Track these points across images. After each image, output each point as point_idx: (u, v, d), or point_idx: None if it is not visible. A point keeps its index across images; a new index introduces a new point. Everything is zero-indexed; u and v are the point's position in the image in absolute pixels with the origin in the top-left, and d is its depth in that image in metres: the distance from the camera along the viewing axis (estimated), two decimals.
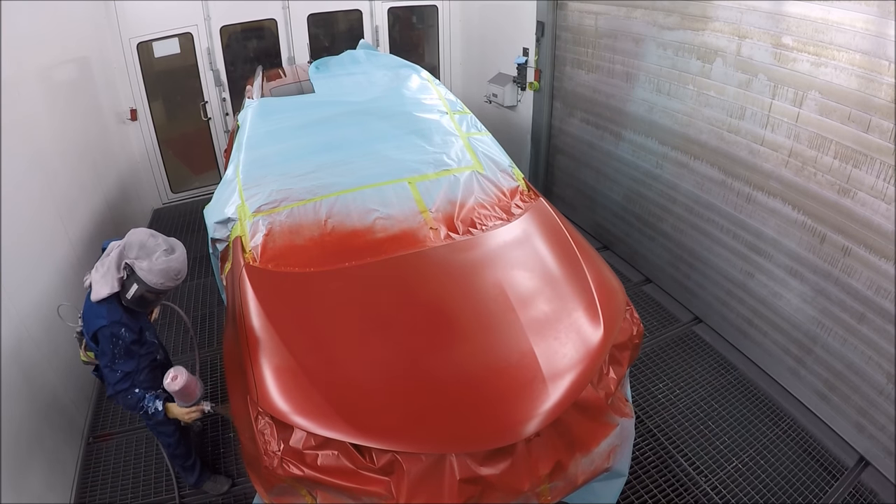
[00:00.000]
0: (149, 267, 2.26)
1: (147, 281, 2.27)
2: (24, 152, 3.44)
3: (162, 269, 2.28)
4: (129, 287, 2.32)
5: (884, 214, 2.92)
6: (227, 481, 3.19)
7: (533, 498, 2.26)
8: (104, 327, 2.33)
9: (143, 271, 2.27)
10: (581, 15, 5.05)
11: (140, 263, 2.27)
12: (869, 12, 2.82)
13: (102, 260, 2.39)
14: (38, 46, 4.05)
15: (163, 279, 2.29)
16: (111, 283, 2.32)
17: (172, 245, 2.37)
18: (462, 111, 3.99)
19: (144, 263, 2.27)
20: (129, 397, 2.43)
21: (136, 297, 2.34)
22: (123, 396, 2.44)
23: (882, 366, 3.07)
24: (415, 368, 2.36)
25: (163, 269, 2.28)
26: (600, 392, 2.41)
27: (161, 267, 2.27)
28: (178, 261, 2.34)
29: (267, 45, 6.61)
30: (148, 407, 2.44)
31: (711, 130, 3.92)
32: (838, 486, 3.11)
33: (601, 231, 5.52)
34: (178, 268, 2.33)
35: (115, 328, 2.34)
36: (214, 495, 3.14)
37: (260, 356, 2.39)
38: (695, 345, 4.17)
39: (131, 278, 2.31)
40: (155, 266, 2.27)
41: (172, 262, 2.30)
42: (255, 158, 3.41)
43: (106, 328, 2.33)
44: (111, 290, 2.32)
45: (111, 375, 2.41)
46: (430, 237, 3.02)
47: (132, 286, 2.31)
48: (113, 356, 2.37)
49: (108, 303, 2.35)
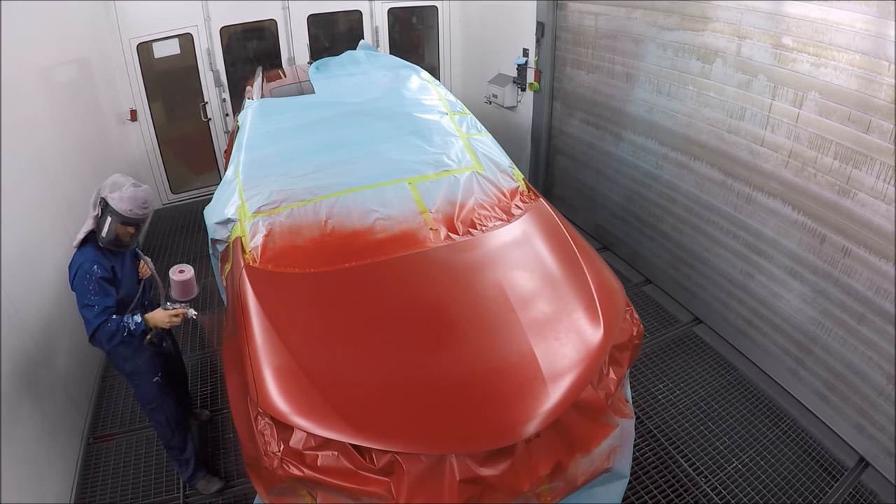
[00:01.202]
0: (119, 196, 2.51)
1: (118, 209, 2.50)
2: (24, 152, 3.44)
3: (130, 195, 2.51)
4: (103, 224, 2.54)
5: (884, 215, 2.92)
6: (220, 483, 3.19)
7: (533, 498, 2.26)
8: (79, 268, 2.52)
9: (115, 200, 2.50)
10: (581, 15, 5.05)
11: (112, 195, 2.52)
12: (869, 13, 2.82)
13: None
14: (38, 47, 4.05)
15: (131, 205, 2.51)
16: (88, 222, 2.58)
17: (139, 184, 2.63)
18: (462, 112, 3.99)
19: (115, 194, 2.52)
20: (108, 325, 2.50)
21: (111, 235, 2.55)
22: (102, 329, 2.49)
23: (882, 366, 3.07)
24: (415, 369, 2.36)
25: (131, 196, 2.51)
26: (600, 393, 2.40)
27: (129, 194, 2.52)
28: (145, 191, 2.59)
29: (267, 45, 6.62)
30: (128, 324, 2.53)
31: (711, 131, 3.92)
32: (838, 487, 3.11)
33: (601, 231, 5.52)
34: (145, 196, 2.57)
35: (85, 265, 2.53)
36: (205, 494, 3.15)
37: (260, 357, 2.39)
38: (695, 345, 4.17)
39: (105, 212, 2.53)
40: (125, 194, 2.51)
41: (139, 192, 2.56)
42: (255, 159, 3.41)
43: (80, 268, 2.52)
44: (87, 229, 2.57)
45: (88, 312, 2.49)
46: (430, 238, 3.02)
47: (106, 221, 2.53)
48: (87, 292, 2.50)
49: (84, 247, 2.59)
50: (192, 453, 3.10)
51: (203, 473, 3.17)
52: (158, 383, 2.89)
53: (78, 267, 2.54)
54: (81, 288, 2.52)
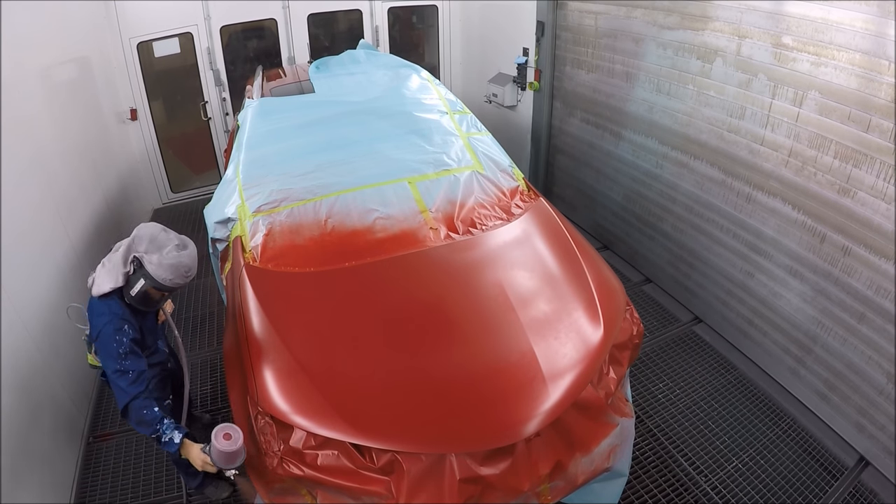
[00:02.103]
0: (158, 261, 2.18)
1: (156, 276, 2.19)
2: (24, 152, 3.44)
3: (172, 263, 2.19)
4: (134, 283, 2.24)
5: (884, 214, 2.92)
6: (229, 487, 3.16)
7: (533, 498, 2.27)
8: (106, 324, 2.22)
9: (153, 265, 2.18)
10: (581, 15, 5.05)
11: (150, 257, 2.20)
12: (869, 12, 2.82)
13: (109, 256, 2.33)
14: (38, 46, 4.05)
15: (172, 275, 2.20)
16: (115, 277, 2.25)
17: (184, 241, 2.31)
18: (462, 111, 3.99)
19: (154, 257, 2.19)
20: (146, 412, 2.18)
21: (141, 294, 2.25)
22: (139, 408, 2.17)
23: (882, 366, 3.07)
24: (415, 368, 2.36)
25: (173, 265, 2.19)
26: (600, 392, 2.41)
27: (171, 262, 2.19)
28: (190, 257, 2.26)
29: (267, 44, 6.61)
30: (164, 434, 2.17)
31: (711, 130, 3.92)
32: (838, 486, 3.10)
33: (601, 231, 5.52)
34: (189, 264, 2.26)
35: (117, 323, 2.23)
36: (215, 499, 3.14)
37: (260, 356, 2.39)
38: (695, 345, 4.17)
39: (138, 273, 2.23)
40: (165, 261, 2.19)
41: (184, 258, 2.23)
42: (255, 158, 3.41)
43: (108, 325, 2.22)
44: (115, 285, 2.24)
45: (122, 379, 2.18)
46: (430, 237, 3.02)
47: (138, 282, 2.22)
48: (118, 356, 2.20)
49: (110, 299, 2.27)
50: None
51: (211, 480, 3.10)
52: (168, 406, 2.77)
53: (106, 324, 2.22)
54: (110, 350, 2.20)
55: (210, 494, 3.14)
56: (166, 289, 2.25)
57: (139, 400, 2.18)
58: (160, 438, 2.19)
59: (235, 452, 2.08)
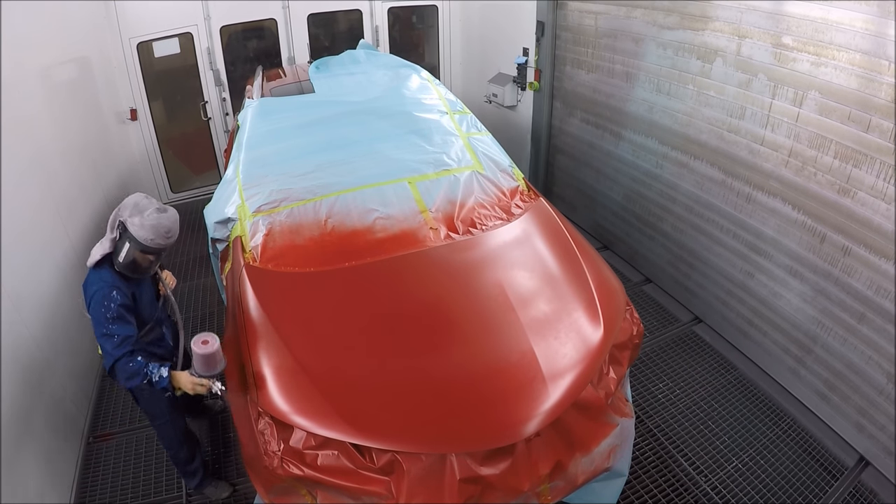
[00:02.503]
0: (140, 222, 2.31)
1: (138, 236, 2.31)
2: (24, 152, 3.44)
3: (153, 224, 2.32)
4: (120, 248, 2.37)
5: (884, 214, 2.92)
6: (229, 487, 3.17)
7: (533, 498, 2.27)
8: (95, 293, 2.34)
9: (135, 227, 2.31)
10: (581, 15, 5.05)
11: (132, 220, 2.33)
12: (869, 12, 2.82)
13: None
14: (38, 46, 4.05)
15: (153, 235, 2.32)
16: (104, 245, 2.40)
17: (165, 207, 2.43)
18: (462, 111, 3.99)
19: (136, 219, 2.32)
20: (131, 364, 2.30)
21: (129, 260, 2.37)
22: (123, 365, 2.30)
23: (882, 366, 3.07)
24: (415, 368, 2.36)
25: (153, 225, 2.32)
26: (600, 392, 2.41)
27: (152, 222, 2.32)
28: (170, 219, 2.38)
29: (267, 45, 6.61)
30: (152, 373, 2.31)
31: (711, 130, 3.92)
32: (838, 486, 3.11)
33: (601, 231, 5.52)
34: (169, 226, 2.37)
35: (104, 290, 2.34)
36: (215, 499, 3.14)
37: (260, 356, 2.39)
38: (695, 345, 4.17)
39: (124, 237, 2.36)
40: (146, 222, 2.31)
41: (163, 220, 2.35)
42: (255, 158, 3.41)
43: (98, 292, 2.34)
44: (103, 252, 2.38)
45: (108, 342, 2.31)
46: (430, 237, 3.02)
47: (124, 246, 2.35)
48: (105, 320, 2.32)
49: (101, 269, 2.40)
50: (200, 464, 3.05)
51: (210, 480, 3.13)
52: (170, 398, 2.70)
53: (95, 291, 2.35)
54: (98, 315, 2.33)
55: (210, 494, 3.14)
56: (149, 250, 2.37)
57: (123, 359, 2.31)
58: (151, 381, 2.32)
59: (213, 355, 2.26)
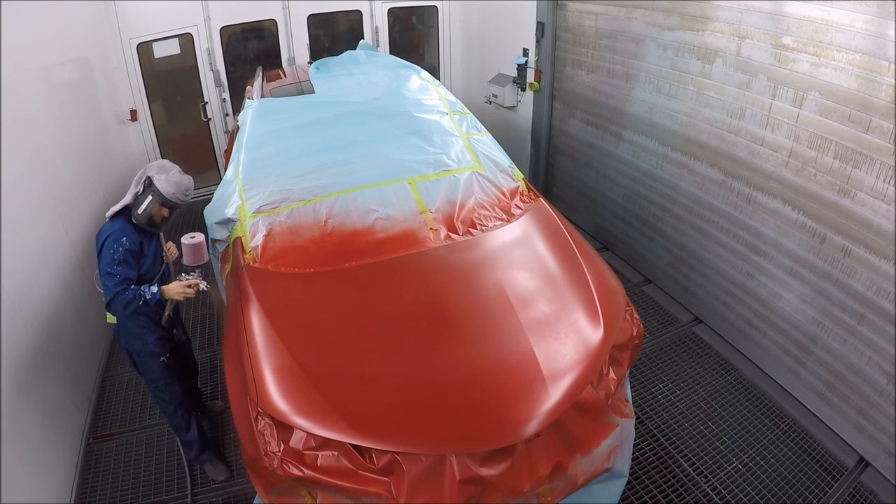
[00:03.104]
0: (166, 178, 2.70)
1: (162, 189, 2.67)
2: (24, 152, 3.44)
3: (177, 180, 2.72)
4: (142, 201, 2.70)
5: (884, 215, 2.92)
6: (227, 471, 3.23)
7: (533, 498, 2.26)
8: (108, 237, 2.64)
9: (161, 181, 2.69)
10: (581, 15, 5.05)
11: (159, 176, 2.70)
12: (869, 12, 2.82)
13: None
14: (38, 46, 4.05)
15: (175, 189, 2.70)
16: (126, 197, 2.73)
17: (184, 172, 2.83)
18: (462, 112, 3.99)
19: (163, 175, 2.71)
20: (126, 293, 2.61)
21: (147, 212, 2.70)
22: (120, 295, 2.60)
23: (882, 366, 3.07)
24: (415, 369, 2.36)
25: (177, 181, 2.72)
26: (600, 392, 2.41)
27: (176, 179, 2.72)
28: (189, 180, 2.79)
29: (267, 45, 6.61)
30: (144, 293, 2.63)
31: (711, 131, 3.92)
32: (838, 487, 3.11)
33: (601, 231, 5.52)
34: (188, 185, 2.77)
35: (116, 234, 2.65)
36: (224, 492, 3.15)
37: (260, 356, 2.39)
38: (695, 345, 4.17)
39: (147, 191, 2.70)
40: (171, 178, 2.71)
41: (185, 179, 2.76)
42: (255, 159, 3.41)
43: (110, 236, 2.64)
44: (123, 204, 2.73)
45: (109, 279, 2.60)
46: (430, 238, 3.02)
47: (146, 199, 2.70)
48: (112, 261, 2.61)
49: (117, 219, 2.73)
50: (196, 435, 3.15)
51: (210, 457, 3.23)
52: (165, 363, 2.97)
53: (108, 235, 2.65)
54: (107, 255, 2.62)
55: (208, 472, 3.21)
56: (170, 203, 2.72)
57: (119, 293, 2.61)
58: (147, 301, 2.65)
59: (200, 245, 2.73)
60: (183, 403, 3.10)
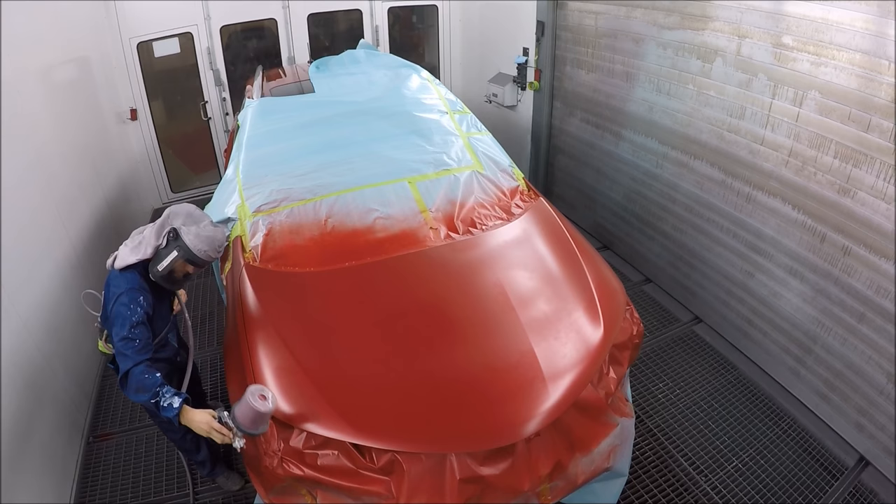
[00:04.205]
0: (196, 232, 2.31)
1: (192, 246, 2.29)
2: (23, 152, 3.44)
3: (209, 236, 2.34)
4: (164, 256, 2.31)
5: (884, 214, 2.92)
6: (241, 480, 3.18)
7: (533, 498, 2.27)
8: (123, 293, 2.28)
9: (191, 235, 2.30)
10: (581, 15, 5.05)
11: (188, 229, 2.32)
12: (869, 12, 2.82)
13: (133, 237, 2.42)
14: (38, 46, 4.05)
15: (207, 246, 2.33)
16: (144, 249, 2.35)
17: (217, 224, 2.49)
18: (462, 111, 3.99)
19: (193, 229, 2.32)
20: (146, 377, 2.16)
21: (168, 270, 2.33)
22: (139, 374, 2.16)
23: (882, 365, 3.07)
24: (415, 368, 2.36)
25: (210, 237, 2.34)
26: (600, 392, 2.41)
27: (209, 234, 2.34)
28: (223, 233, 2.42)
29: (267, 44, 6.61)
30: (162, 398, 2.14)
31: (711, 130, 3.92)
32: (838, 486, 3.10)
33: (601, 231, 5.52)
34: (222, 240, 2.41)
35: (133, 293, 2.29)
36: (225, 492, 3.15)
37: (260, 356, 2.39)
38: (695, 345, 4.17)
39: (171, 245, 2.31)
40: (203, 232, 2.33)
41: (218, 233, 2.39)
42: (255, 158, 3.41)
43: (125, 294, 2.28)
44: (141, 257, 2.34)
45: (129, 346, 2.20)
46: (430, 237, 3.02)
47: (170, 254, 2.30)
48: (131, 324, 2.23)
49: (130, 272, 2.35)
50: (207, 454, 3.04)
51: (222, 470, 3.14)
52: None
53: (123, 292, 2.28)
54: (124, 316, 2.24)
55: (222, 485, 3.15)
56: (198, 261, 2.35)
57: (142, 366, 2.19)
58: (159, 403, 2.16)
59: (266, 415, 2.06)
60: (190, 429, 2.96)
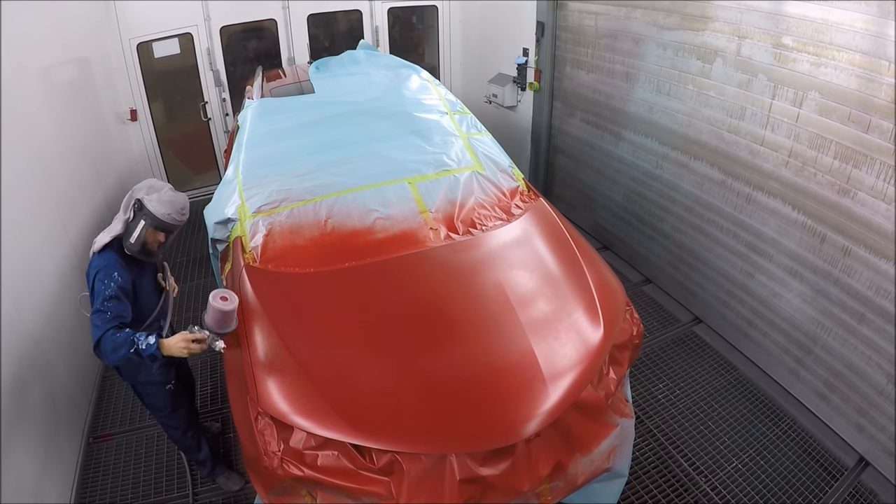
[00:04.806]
0: (158, 198, 2.41)
1: (155, 211, 2.39)
2: (23, 152, 3.44)
3: (170, 199, 2.43)
4: (133, 228, 2.42)
5: (884, 214, 2.92)
6: (241, 480, 3.19)
7: (533, 498, 2.26)
8: (98, 271, 2.37)
9: (153, 202, 2.40)
10: (581, 15, 5.05)
11: (150, 197, 2.42)
12: (869, 12, 2.82)
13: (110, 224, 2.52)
14: (38, 46, 4.05)
15: (170, 210, 2.42)
16: (115, 226, 2.46)
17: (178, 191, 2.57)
18: (462, 111, 3.99)
19: (154, 195, 2.42)
20: (117, 335, 2.22)
21: (140, 240, 2.42)
22: (110, 336, 2.22)
23: (882, 366, 3.07)
24: (415, 368, 2.36)
25: (171, 200, 2.43)
26: (600, 392, 2.41)
27: (169, 198, 2.43)
28: (183, 197, 2.52)
29: (267, 45, 6.61)
30: (138, 341, 2.22)
31: (711, 130, 3.92)
32: (838, 487, 3.11)
33: (601, 231, 5.52)
34: (183, 202, 2.50)
35: (107, 269, 2.38)
36: (225, 492, 3.15)
37: (260, 357, 2.39)
38: (695, 345, 4.17)
39: (138, 215, 2.42)
40: (164, 197, 2.42)
41: (179, 197, 2.48)
42: (255, 159, 3.41)
43: (101, 272, 2.37)
44: (112, 234, 2.45)
45: (99, 317, 2.26)
46: (430, 237, 3.02)
47: (138, 225, 2.41)
48: (103, 298, 2.30)
49: (107, 252, 2.44)
50: (208, 453, 3.08)
51: (222, 470, 3.18)
52: (171, 390, 2.81)
53: (98, 270, 2.37)
54: (98, 291, 2.33)
55: (222, 485, 3.17)
56: (165, 226, 2.45)
57: (109, 332, 2.25)
58: (139, 350, 2.23)
59: (230, 312, 2.24)
60: (191, 425, 2.98)
